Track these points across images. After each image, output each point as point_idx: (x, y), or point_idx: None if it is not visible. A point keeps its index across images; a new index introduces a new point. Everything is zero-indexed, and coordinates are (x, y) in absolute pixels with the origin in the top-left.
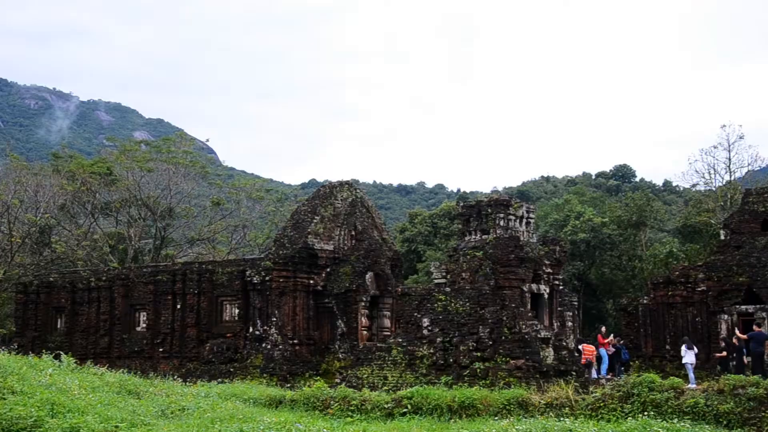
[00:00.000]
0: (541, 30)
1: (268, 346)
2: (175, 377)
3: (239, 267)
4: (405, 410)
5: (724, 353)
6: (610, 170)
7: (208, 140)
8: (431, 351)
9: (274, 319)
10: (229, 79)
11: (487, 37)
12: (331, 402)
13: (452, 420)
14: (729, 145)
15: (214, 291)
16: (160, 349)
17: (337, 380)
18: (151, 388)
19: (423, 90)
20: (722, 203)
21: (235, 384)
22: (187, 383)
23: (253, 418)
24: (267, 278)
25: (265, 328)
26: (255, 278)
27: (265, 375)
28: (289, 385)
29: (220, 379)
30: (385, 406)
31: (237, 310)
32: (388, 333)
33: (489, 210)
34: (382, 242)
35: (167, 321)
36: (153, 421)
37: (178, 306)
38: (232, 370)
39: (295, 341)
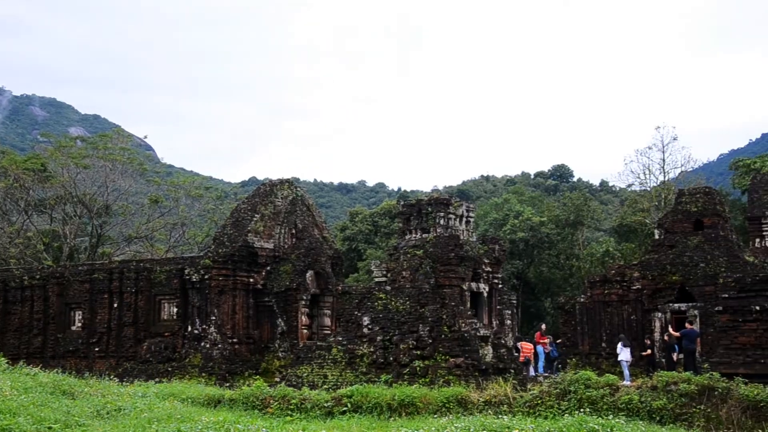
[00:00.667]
0: (484, 32)
1: (207, 345)
2: (112, 377)
3: (178, 265)
4: (345, 409)
5: (649, 351)
6: (549, 170)
7: (146, 137)
8: (371, 349)
9: (214, 317)
10: (169, 76)
11: (434, 37)
12: (271, 401)
13: (392, 418)
14: (663, 146)
15: (152, 290)
16: (96, 349)
17: (277, 379)
18: (87, 388)
19: (365, 89)
20: (657, 203)
21: (173, 383)
22: (124, 383)
23: (191, 418)
24: (206, 277)
25: (204, 327)
26: (194, 277)
27: (203, 374)
28: (228, 384)
29: (157, 379)
30: (325, 404)
31: (175, 309)
32: (329, 332)
33: (429, 209)
34: (323, 241)
35: (104, 320)
36: (88, 422)
37: (115, 305)
38: (170, 369)
39: (235, 340)
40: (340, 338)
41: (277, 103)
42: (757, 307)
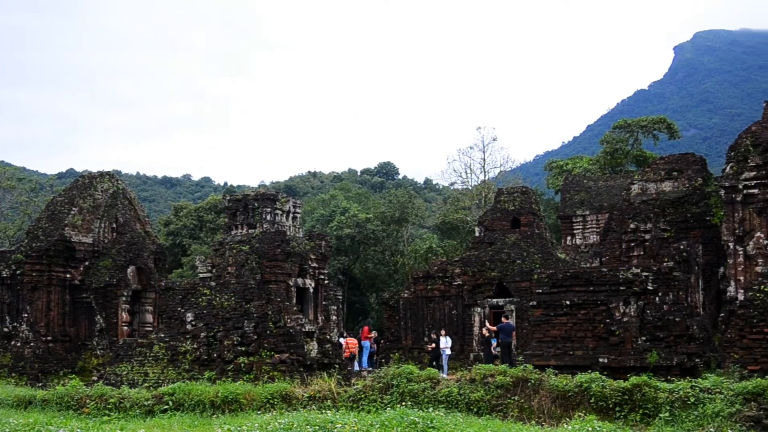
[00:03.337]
0: (315, 29)
1: (18, 344)
2: None
3: None
4: (166, 407)
5: (433, 345)
6: (375, 167)
7: None
8: (195, 346)
9: (26, 315)
10: None
11: (265, 31)
12: (87, 401)
13: (215, 415)
14: (484, 146)
15: None
16: None
17: (95, 378)
18: None
19: (191, 82)
20: (477, 201)
21: None
22: None
23: None
24: (18, 272)
25: (15, 324)
26: (5, 272)
27: (14, 374)
28: (41, 384)
29: None
30: (145, 403)
31: None
32: (151, 329)
33: (256, 204)
34: (145, 235)
35: None
36: None
37: None
38: None
39: (49, 338)
40: (163, 335)
41: (94, 93)
42: (568, 302)
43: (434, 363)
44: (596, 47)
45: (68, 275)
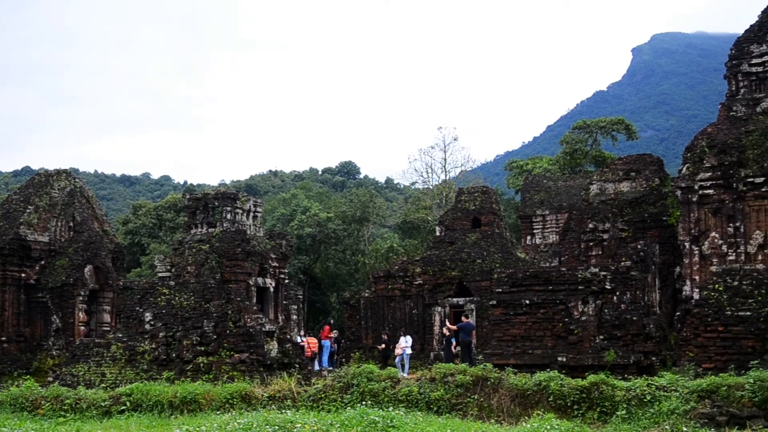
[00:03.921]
0: (277, 26)
1: None
2: None
3: None
4: (123, 408)
5: (384, 345)
6: (336, 166)
7: None
8: (153, 346)
9: None
10: None
11: (227, 30)
12: (42, 402)
13: (173, 416)
14: (445, 146)
15: None
16: None
17: (50, 379)
18: None
19: (149, 79)
20: (438, 201)
21: None
22: None
23: None
24: None
25: None
26: None
27: None
28: None
29: None
30: (102, 404)
31: None
32: (108, 328)
33: (216, 203)
34: (103, 234)
35: None
36: None
37: None
38: None
39: (3, 339)
40: (120, 335)
41: (51, 90)
42: (527, 301)
43: (384, 363)
44: (556, 48)
45: (23, 274)
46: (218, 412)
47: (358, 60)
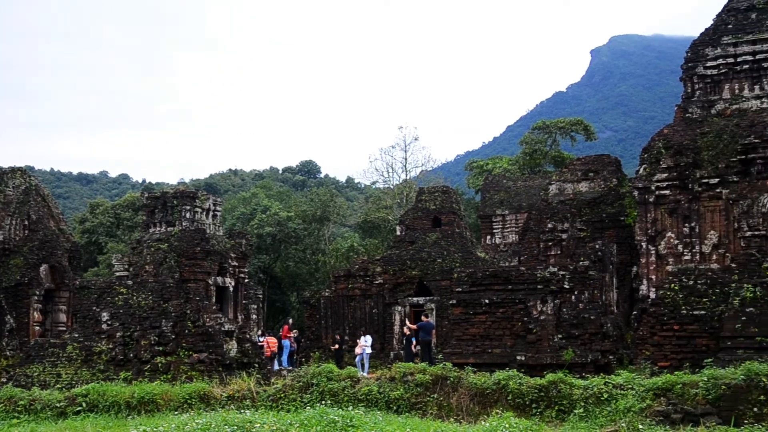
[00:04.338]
0: (238, 24)
1: None
2: None
3: None
4: (79, 408)
5: (337, 345)
6: (297, 166)
7: None
8: (110, 346)
9: None
10: None
11: (181, 25)
12: None
13: (130, 416)
14: (405, 146)
15: None
16: None
17: (3, 380)
18: None
19: (107, 76)
20: (399, 200)
21: None
22: None
23: None
24: None
25: None
26: None
27: None
28: None
29: None
30: (57, 405)
31: None
32: (64, 328)
33: (175, 202)
34: (59, 233)
35: None
36: None
37: None
38: None
39: None
40: (77, 335)
41: (11, 88)
42: (487, 301)
43: (338, 363)
44: (516, 49)
45: None
46: (176, 413)
47: (320, 60)
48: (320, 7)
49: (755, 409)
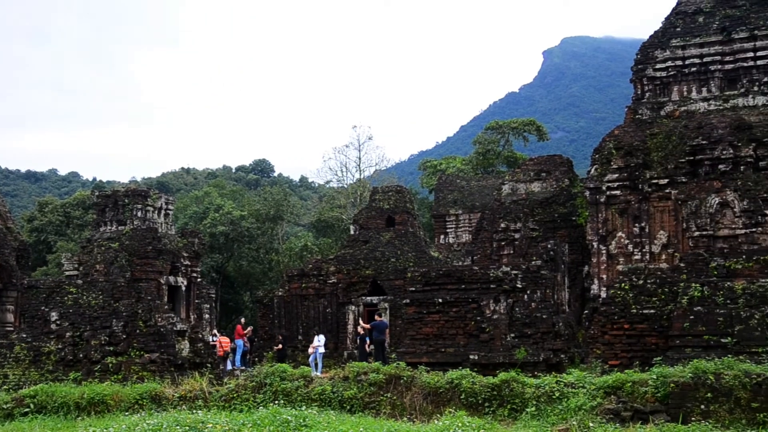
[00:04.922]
0: (191, 22)
1: None
2: None
3: None
4: (27, 410)
5: (280, 345)
6: (250, 164)
7: None
8: (59, 346)
9: None
10: None
11: (139, 25)
12: None
13: (80, 417)
14: (359, 145)
15: None
16: None
17: None
18: None
19: (58, 72)
20: (353, 200)
21: None
22: None
23: None
24: None
25: None
26: None
27: None
28: None
29: None
30: (4, 406)
31: None
32: (12, 328)
33: (126, 200)
34: (7, 231)
35: None
36: None
37: None
38: None
39: None
40: (25, 335)
41: None
42: (440, 300)
43: (277, 359)
44: (469, 50)
45: None
46: (127, 413)
47: (273, 58)
48: (274, 7)
49: (702, 407)
